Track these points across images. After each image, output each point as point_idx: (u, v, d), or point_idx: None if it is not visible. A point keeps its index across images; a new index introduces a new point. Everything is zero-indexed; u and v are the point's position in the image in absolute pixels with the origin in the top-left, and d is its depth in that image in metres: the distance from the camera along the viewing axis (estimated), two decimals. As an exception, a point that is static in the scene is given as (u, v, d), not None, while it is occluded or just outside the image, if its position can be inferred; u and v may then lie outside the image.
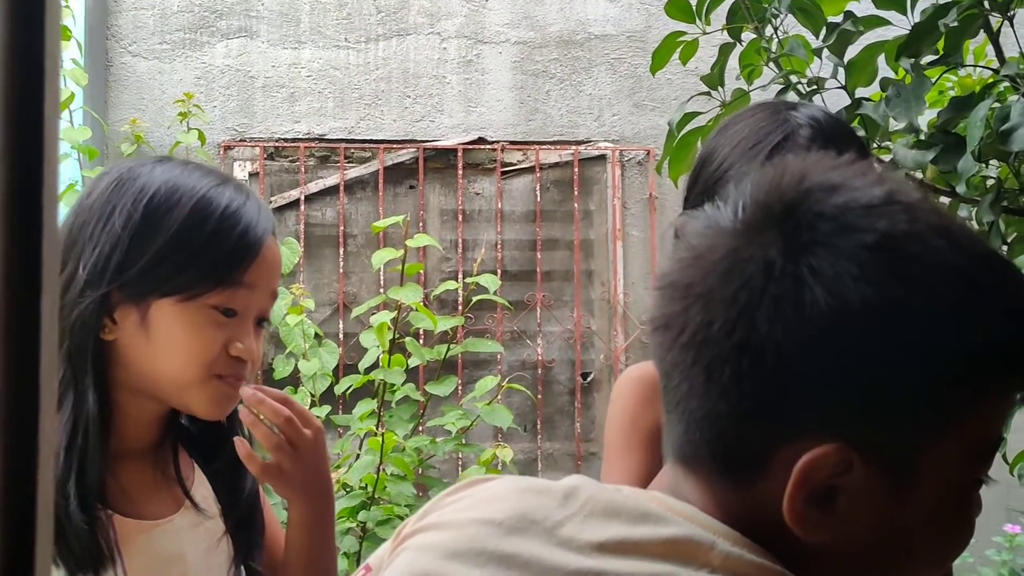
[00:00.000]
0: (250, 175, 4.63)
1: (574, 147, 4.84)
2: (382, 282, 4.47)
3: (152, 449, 1.38)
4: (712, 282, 0.75)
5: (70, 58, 4.28)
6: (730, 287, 0.74)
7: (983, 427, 0.75)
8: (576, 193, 4.81)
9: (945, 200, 1.98)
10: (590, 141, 4.88)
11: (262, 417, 1.32)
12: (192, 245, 1.27)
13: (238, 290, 1.29)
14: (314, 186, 4.69)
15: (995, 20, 1.82)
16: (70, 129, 4.25)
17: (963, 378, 0.72)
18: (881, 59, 1.94)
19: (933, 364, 0.71)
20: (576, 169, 4.81)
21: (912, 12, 1.87)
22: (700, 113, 2.08)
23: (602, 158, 4.88)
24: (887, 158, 1.86)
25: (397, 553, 0.85)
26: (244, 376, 1.33)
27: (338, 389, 3.72)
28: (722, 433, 0.75)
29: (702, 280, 0.76)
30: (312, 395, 3.89)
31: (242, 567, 1.42)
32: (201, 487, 1.41)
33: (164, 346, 1.28)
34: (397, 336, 3.48)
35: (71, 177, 4.29)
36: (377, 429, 3.29)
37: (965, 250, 0.74)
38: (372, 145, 4.73)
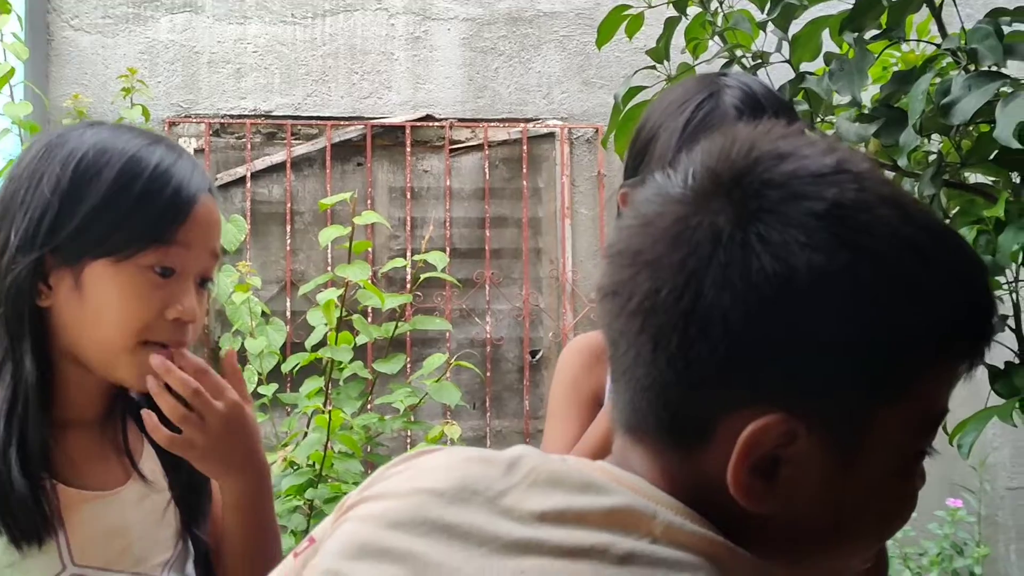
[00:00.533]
0: (196, 151, 4.57)
1: (523, 125, 4.83)
2: (329, 260, 4.44)
3: (99, 420, 1.37)
4: (660, 249, 0.75)
5: (10, 32, 4.20)
6: (678, 254, 0.73)
7: (929, 398, 0.75)
8: (525, 171, 4.80)
9: (888, 174, 1.99)
10: (539, 119, 4.87)
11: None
12: (123, 204, 1.26)
13: (172, 248, 1.27)
14: (260, 163, 4.65)
15: (937, -5, 1.83)
16: (11, 104, 4.17)
17: (910, 349, 0.72)
18: (825, 34, 1.95)
19: (880, 334, 0.71)
20: (525, 147, 4.80)
21: (856, -13, 1.88)
22: (646, 87, 2.08)
23: (551, 136, 4.87)
24: (830, 132, 1.87)
25: (340, 523, 0.84)
26: (185, 341, 1.31)
27: (285, 367, 3.69)
28: (668, 402, 0.75)
29: (650, 247, 0.75)
30: (259, 373, 3.87)
31: (189, 540, 1.40)
32: (149, 460, 1.40)
33: (97, 309, 1.26)
34: (345, 314, 3.47)
35: (12, 152, 4.22)
36: (325, 407, 3.27)
37: (915, 221, 0.74)
38: (319, 122, 4.69)
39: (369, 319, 4.02)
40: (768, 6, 1.93)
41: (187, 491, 1.41)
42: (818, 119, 1.94)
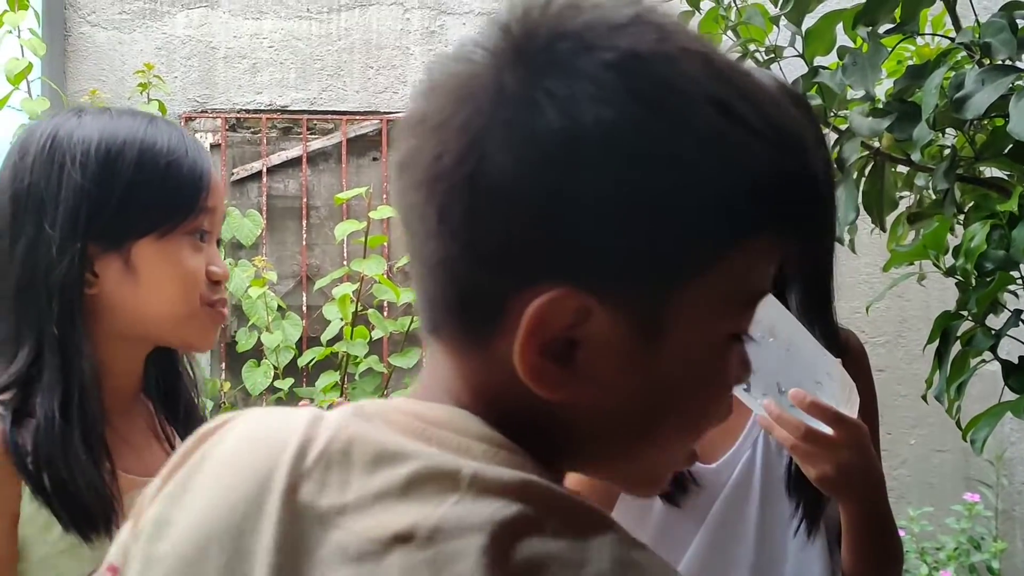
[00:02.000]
0: (212, 146, 4.59)
1: (538, 119, 4.83)
2: (345, 254, 4.45)
3: (133, 405, 1.40)
4: (446, 111, 0.67)
5: (28, 28, 4.22)
6: (462, 114, 0.66)
7: (740, 276, 0.67)
8: (540, 165, 4.80)
9: (902, 169, 1.99)
10: (554, 113, 4.87)
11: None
12: (154, 181, 1.30)
13: (202, 214, 1.33)
14: (276, 158, 4.66)
15: (952, -11, 1.82)
16: (28, 100, 4.20)
17: (713, 219, 0.64)
18: (839, 28, 1.95)
19: (680, 199, 0.63)
20: (540, 141, 4.80)
21: (870, -20, 1.87)
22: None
23: (566, 130, 4.87)
24: (844, 126, 1.87)
25: (130, 556, 0.74)
26: (226, 299, 1.38)
27: (301, 361, 3.71)
28: (456, 280, 0.67)
29: (436, 111, 0.68)
30: (276, 368, 3.88)
31: None
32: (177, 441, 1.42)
33: (155, 285, 1.31)
34: (360, 308, 3.48)
35: (29, 148, 4.25)
36: (340, 401, 3.29)
37: (725, 77, 0.66)
38: (335, 116, 4.70)
39: (385, 313, 4.03)
40: (781, 1, 1.93)
41: None
42: (831, 113, 1.93)
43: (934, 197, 1.93)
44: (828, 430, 1.23)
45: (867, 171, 1.95)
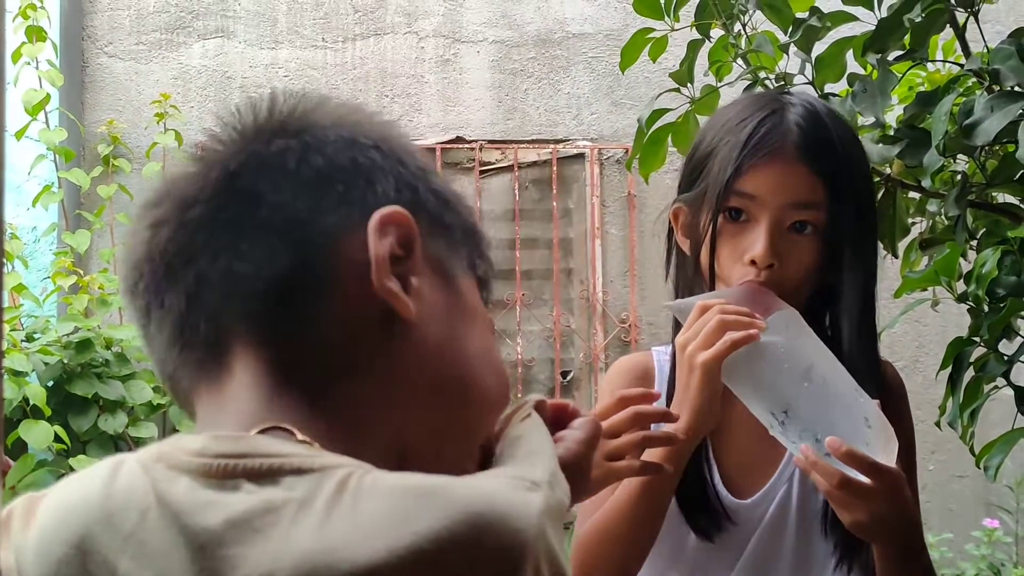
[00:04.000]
0: (228, 176, 4.61)
1: (552, 146, 4.84)
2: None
3: None
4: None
5: (45, 59, 4.26)
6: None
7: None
8: (555, 192, 4.81)
9: (913, 195, 1.99)
10: (568, 140, 4.88)
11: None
12: None
13: None
14: (292, 186, 4.67)
15: (961, 15, 1.82)
16: (46, 131, 4.24)
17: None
18: (849, 55, 1.95)
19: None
20: (555, 167, 4.82)
21: (879, 7, 1.87)
22: (670, 110, 2.08)
23: (580, 156, 4.88)
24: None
25: None
26: None
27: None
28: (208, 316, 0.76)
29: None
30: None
31: None
32: None
33: None
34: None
35: (47, 178, 4.28)
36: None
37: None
38: (350, 145, 4.72)
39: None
40: (791, 28, 1.93)
41: None
42: (842, 140, 1.93)
43: (946, 222, 1.92)
44: (864, 479, 1.23)
45: (879, 198, 1.94)
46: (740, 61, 2.03)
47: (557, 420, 0.95)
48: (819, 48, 1.94)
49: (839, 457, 1.23)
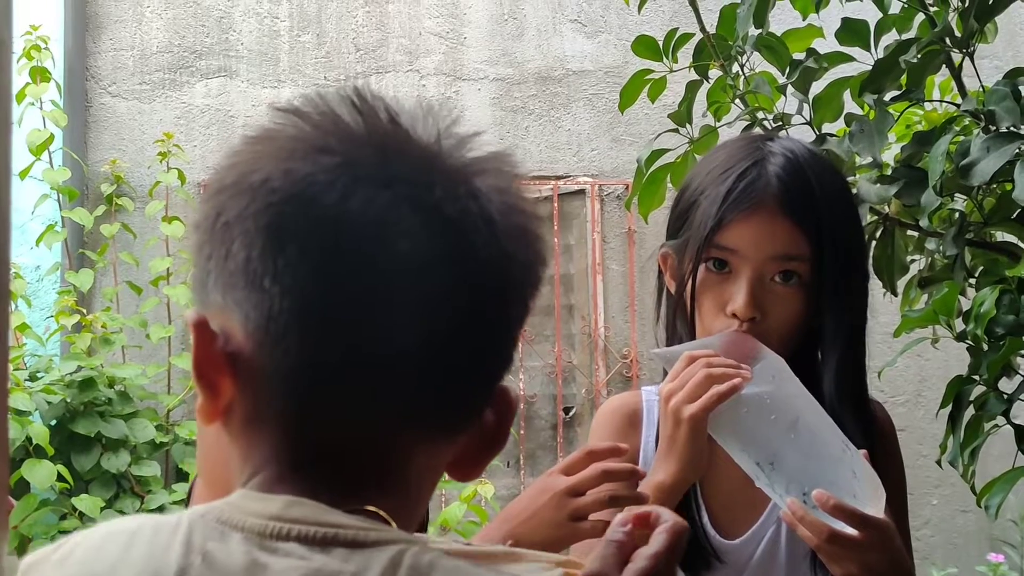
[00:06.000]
0: (230, 214, 4.63)
1: (553, 182, 4.86)
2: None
3: None
4: None
5: (49, 99, 4.29)
6: None
7: None
8: (556, 228, 4.83)
9: (912, 233, 2.00)
10: (569, 176, 4.90)
11: None
12: None
13: None
14: (294, 224, 4.69)
15: (956, 56, 1.84)
16: (49, 170, 4.26)
17: None
18: (847, 94, 1.97)
19: None
20: (555, 204, 4.83)
21: (876, 48, 1.89)
22: (669, 150, 2.10)
23: (581, 192, 4.90)
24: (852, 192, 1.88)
25: None
26: None
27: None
28: None
29: None
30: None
31: None
32: None
33: None
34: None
35: (51, 218, 4.30)
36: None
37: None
38: (352, 182, 4.74)
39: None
40: (788, 69, 1.95)
41: None
42: (840, 180, 1.94)
43: (944, 261, 1.94)
44: (853, 531, 1.23)
45: (877, 236, 1.96)
46: (738, 102, 2.05)
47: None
48: (816, 88, 1.96)
49: (827, 511, 1.23)
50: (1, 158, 0.64)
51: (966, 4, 1.76)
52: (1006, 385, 1.76)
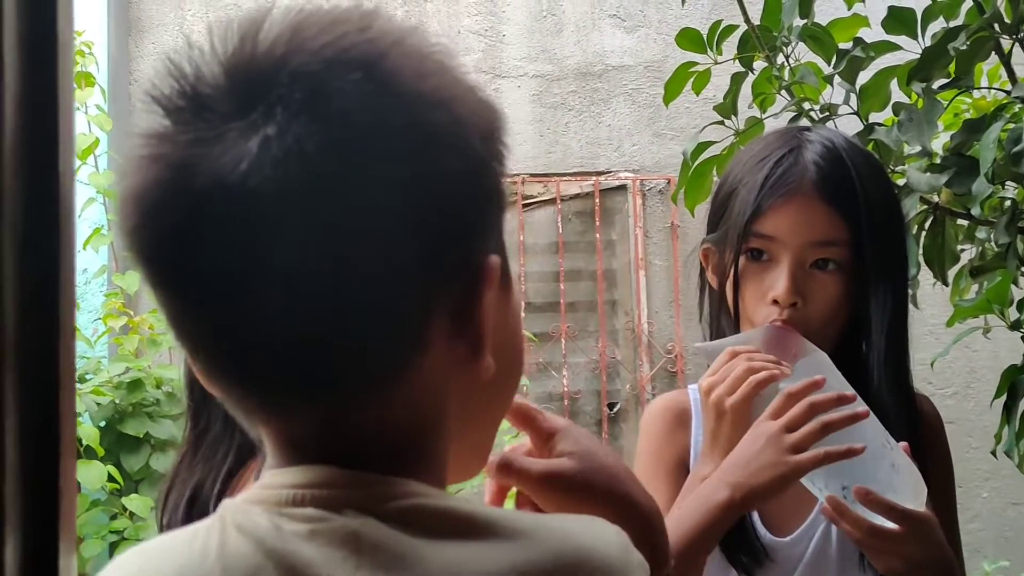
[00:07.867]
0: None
1: (595, 178, 4.86)
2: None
3: None
4: None
5: (94, 104, 4.33)
6: None
7: None
8: (598, 223, 4.82)
9: (962, 222, 1.98)
10: (610, 171, 4.89)
11: None
12: None
13: None
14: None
15: (1006, 42, 1.82)
16: (95, 174, 4.29)
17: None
18: (894, 83, 1.95)
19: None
20: (597, 199, 4.83)
21: (923, 36, 1.88)
22: (715, 142, 2.09)
23: (623, 188, 4.89)
24: (901, 182, 1.87)
25: None
26: None
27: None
28: None
29: None
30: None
31: None
32: None
33: None
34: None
35: (97, 221, 4.34)
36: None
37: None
38: (394, 181, 4.75)
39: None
40: (834, 59, 1.94)
41: None
42: (889, 169, 1.93)
43: (996, 249, 1.91)
44: (894, 525, 1.22)
45: (927, 225, 1.94)
46: (784, 93, 2.04)
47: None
48: (863, 78, 1.95)
49: (867, 506, 1.22)
50: (65, 153, 0.66)
51: (1015, -11, 1.74)
52: (1061, 374, 1.74)
